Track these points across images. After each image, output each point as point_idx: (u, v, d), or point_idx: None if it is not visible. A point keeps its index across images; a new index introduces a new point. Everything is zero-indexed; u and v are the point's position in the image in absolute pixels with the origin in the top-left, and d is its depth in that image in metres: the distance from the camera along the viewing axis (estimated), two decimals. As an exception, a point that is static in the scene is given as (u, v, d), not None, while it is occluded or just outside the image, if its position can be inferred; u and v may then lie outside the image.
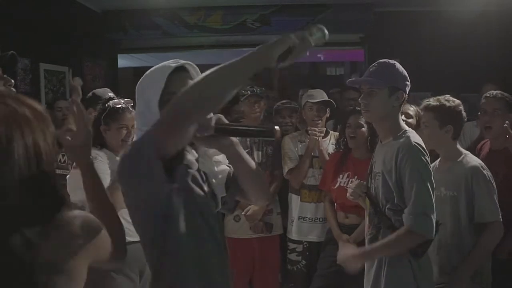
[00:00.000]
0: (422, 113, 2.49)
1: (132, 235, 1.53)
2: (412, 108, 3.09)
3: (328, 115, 3.46)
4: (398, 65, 2.13)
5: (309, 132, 3.28)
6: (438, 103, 2.41)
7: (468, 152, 2.49)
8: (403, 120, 2.89)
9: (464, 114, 2.45)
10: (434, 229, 1.97)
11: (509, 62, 4.95)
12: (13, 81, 1.84)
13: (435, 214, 1.98)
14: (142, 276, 2.46)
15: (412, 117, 3.10)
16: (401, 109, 2.16)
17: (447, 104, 2.40)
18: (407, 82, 2.12)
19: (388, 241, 2.02)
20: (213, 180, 1.45)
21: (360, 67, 7.53)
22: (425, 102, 2.47)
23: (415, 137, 2.06)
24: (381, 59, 2.17)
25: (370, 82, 2.08)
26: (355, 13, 5.49)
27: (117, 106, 2.51)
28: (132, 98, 2.63)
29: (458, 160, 2.42)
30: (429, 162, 2.04)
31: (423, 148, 2.02)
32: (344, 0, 5.47)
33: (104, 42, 5.72)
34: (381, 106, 2.08)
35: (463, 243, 2.35)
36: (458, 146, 2.49)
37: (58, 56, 4.61)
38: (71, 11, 4.90)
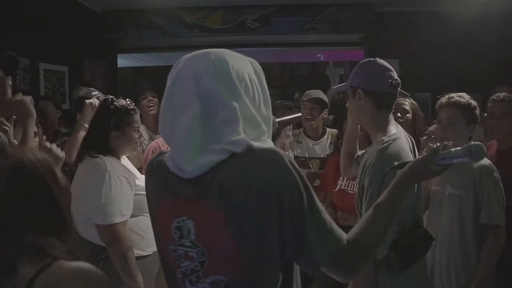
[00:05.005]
0: (443, 108, 2.37)
1: (145, 249, 1.50)
2: (407, 102, 3.05)
3: (325, 115, 3.44)
4: (373, 63, 1.92)
5: None
6: (465, 101, 2.34)
7: None
8: (399, 118, 2.83)
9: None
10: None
11: (510, 63, 4.94)
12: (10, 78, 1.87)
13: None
14: None
15: (409, 112, 3.06)
16: (392, 109, 1.93)
17: (473, 103, 2.35)
18: (379, 80, 1.88)
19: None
20: None
21: (360, 67, 7.51)
22: (449, 97, 2.37)
23: (392, 148, 1.79)
24: (381, 59, 2.11)
25: (336, 87, 2.09)
26: (355, 13, 5.49)
27: (130, 108, 2.29)
28: (132, 97, 2.63)
29: None
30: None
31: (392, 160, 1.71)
32: (344, 0, 5.47)
33: (104, 42, 5.72)
34: (351, 107, 1.97)
35: (467, 245, 2.28)
36: None
37: (57, 56, 4.60)
38: (71, 11, 4.90)
